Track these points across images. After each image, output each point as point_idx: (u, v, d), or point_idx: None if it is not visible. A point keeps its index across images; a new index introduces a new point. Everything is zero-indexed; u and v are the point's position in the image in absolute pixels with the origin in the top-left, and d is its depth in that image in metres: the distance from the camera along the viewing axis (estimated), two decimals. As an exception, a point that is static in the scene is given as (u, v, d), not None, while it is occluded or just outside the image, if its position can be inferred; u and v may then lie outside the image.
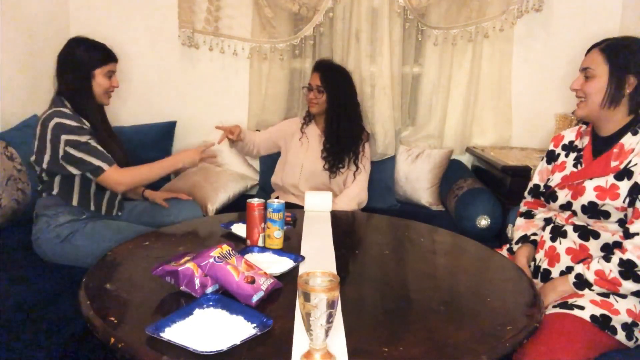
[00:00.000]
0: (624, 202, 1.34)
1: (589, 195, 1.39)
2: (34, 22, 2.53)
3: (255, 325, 1.01)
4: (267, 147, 2.50)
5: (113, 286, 1.21)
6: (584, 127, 1.55)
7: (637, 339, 1.31)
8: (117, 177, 1.80)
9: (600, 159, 1.42)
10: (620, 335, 1.29)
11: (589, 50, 1.45)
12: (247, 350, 0.94)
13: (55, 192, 1.83)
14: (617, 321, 1.29)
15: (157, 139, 2.81)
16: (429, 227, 1.82)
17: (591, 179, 1.41)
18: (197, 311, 1.06)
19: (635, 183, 1.33)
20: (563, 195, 1.48)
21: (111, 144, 1.91)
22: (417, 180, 2.65)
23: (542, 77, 2.73)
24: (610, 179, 1.37)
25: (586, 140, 1.50)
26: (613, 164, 1.38)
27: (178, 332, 0.97)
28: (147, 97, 2.91)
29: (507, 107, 2.77)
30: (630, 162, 1.35)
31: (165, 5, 2.76)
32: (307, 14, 2.66)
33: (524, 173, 2.18)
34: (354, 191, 2.33)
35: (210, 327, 1.00)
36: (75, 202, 1.84)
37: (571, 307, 1.30)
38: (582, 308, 1.29)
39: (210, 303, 1.09)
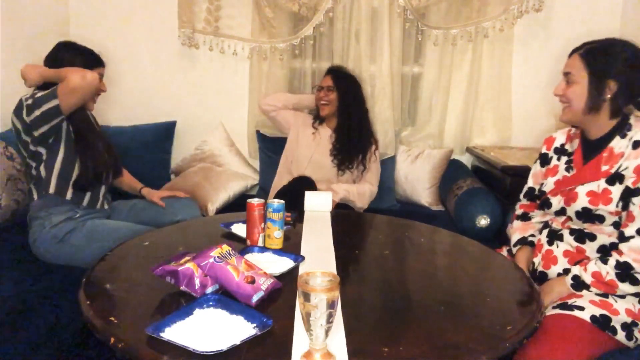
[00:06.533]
0: (617, 206, 1.34)
1: (582, 201, 1.39)
2: (34, 22, 2.53)
3: (255, 325, 1.01)
4: (285, 119, 2.55)
5: (113, 286, 1.21)
6: (573, 130, 1.55)
7: (636, 339, 1.31)
8: (69, 84, 1.68)
9: (591, 163, 1.42)
10: (620, 335, 1.29)
11: (570, 54, 1.44)
12: (247, 350, 0.94)
13: (38, 178, 1.81)
14: (616, 321, 1.29)
15: (157, 139, 2.81)
16: (429, 227, 1.82)
17: (583, 184, 1.41)
18: (197, 311, 1.05)
19: (627, 187, 1.33)
20: (556, 202, 1.48)
21: (98, 146, 1.90)
22: (417, 180, 2.66)
23: (542, 77, 2.72)
24: (602, 184, 1.37)
25: (576, 143, 1.50)
26: (604, 168, 1.38)
27: (178, 332, 0.97)
28: (147, 97, 2.91)
29: (507, 107, 2.77)
30: (620, 166, 1.35)
31: (165, 5, 2.76)
32: (307, 14, 2.66)
33: (524, 173, 2.15)
34: (363, 188, 2.38)
35: (210, 327, 1.00)
36: (52, 190, 1.81)
37: (571, 307, 1.30)
38: (581, 309, 1.29)
39: (210, 303, 1.08)
